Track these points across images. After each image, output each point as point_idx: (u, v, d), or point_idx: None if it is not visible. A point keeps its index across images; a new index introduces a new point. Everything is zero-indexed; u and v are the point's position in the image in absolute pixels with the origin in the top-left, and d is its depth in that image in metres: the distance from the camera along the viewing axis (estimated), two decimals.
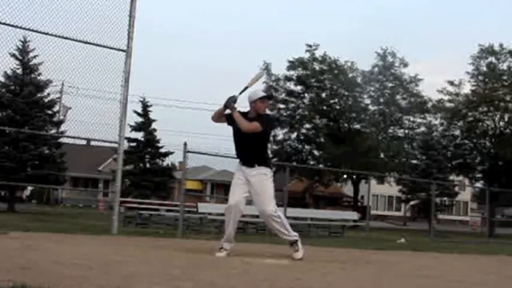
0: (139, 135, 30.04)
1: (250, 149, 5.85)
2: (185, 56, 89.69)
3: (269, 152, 6.34)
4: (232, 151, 6.18)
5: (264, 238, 10.25)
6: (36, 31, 8.37)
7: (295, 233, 5.97)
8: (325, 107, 34.10)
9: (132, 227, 14.16)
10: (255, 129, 5.74)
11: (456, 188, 33.25)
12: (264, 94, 6.08)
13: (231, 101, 5.76)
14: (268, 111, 6.45)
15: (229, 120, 5.89)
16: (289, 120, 33.45)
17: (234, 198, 5.82)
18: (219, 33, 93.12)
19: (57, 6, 8.35)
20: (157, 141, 30.37)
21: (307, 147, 34.88)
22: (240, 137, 5.87)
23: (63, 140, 21.68)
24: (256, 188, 5.80)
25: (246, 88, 5.97)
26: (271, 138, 33.87)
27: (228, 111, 5.82)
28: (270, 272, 4.70)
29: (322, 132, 33.75)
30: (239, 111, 5.83)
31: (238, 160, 6.02)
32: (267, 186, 5.85)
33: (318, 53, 33.30)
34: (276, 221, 5.84)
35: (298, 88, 34.07)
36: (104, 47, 8.79)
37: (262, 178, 5.83)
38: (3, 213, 19.61)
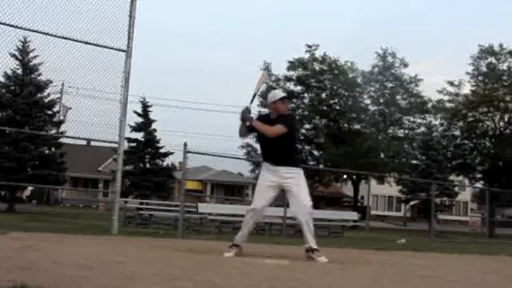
0: (140, 136, 30.06)
1: (280, 150, 5.79)
2: (185, 56, 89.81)
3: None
4: (232, 151, 6.23)
5: (264, 238, 10.26)
6: (36, 31, 8.37)
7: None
8: (325, 107, 34.13)
9: (132, 227, 14.18)
10: (280, 131, 5.71)
11: (456, 188, 33.25)
12: (283, 94, 6.07)
13: (246, 114, 5.79)
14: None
15: (252, 129, 5.92)
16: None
17: (260, 202, 5.77)
18: (219, 34, 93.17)
19: (57, 6, 8.36)
20: (157, 142, 30.38)
21: (307, 147, 34.91)
22: (266, 139, 5.84)
23: (63, 140, 21.69)
24: (293, 187, 5.74)
25: (255, 95, 5.98)
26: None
27: (247, 123, 5.83)
28: (270, 272, 4.70)
29: (322, 132, 33.78)
30: (261, 115, 5.85)
31: (265, 162, 5.90)
32: (304, 184, 5.83)
33: (318, 53, 33.37)
34: (311, 220, 5.80)
35: (298, 88, 34.11)
36: (104, 47, 8.80)
37: (297, 177, 5.80)
38: (3, 213, 19.63)
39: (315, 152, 34.88)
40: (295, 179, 5.78)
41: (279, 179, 5.76)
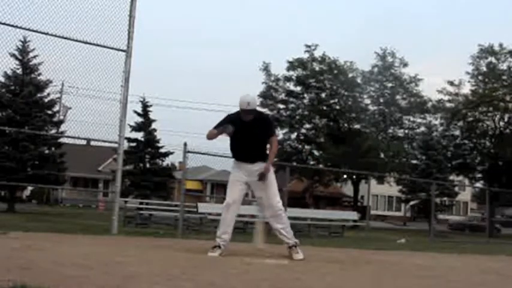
0: (139, 135, 30.01)
1: (253, 149, 5.84)
2: (185, 56, 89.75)
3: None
4: None
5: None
6: (36, 31, 8.36)
7: (296, 239, 5.94)
8: (325, 107, 34.13)
9: (132, 227, 14.17)
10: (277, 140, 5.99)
11: (456, 188, 33.23)
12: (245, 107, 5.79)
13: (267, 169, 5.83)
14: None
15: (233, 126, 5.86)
16: (289, 120, 33.48)
17: (232, 196, 5.83)
18: (218, 34, 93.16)
19: (57, 6, 8.35)
20: (157, 141, 30.35)
21: (307, 147, 34.90)
22: (241, 139, 5.83)
23: (63, 140, 21.66)
24: (261, 183, 5.78)
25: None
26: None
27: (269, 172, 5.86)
28: (270, 272, 4.70)
29: (322, 132, 33.78)
30: (230, 115, 5.90)
31: (234, 159, 6.00)
32: (272, 179, 5.86)
33: (317, 53, 33.37)
34: (281, 217, 5.83)
35: (298, 88, 34.12)
36: (104, 47, 8.79)
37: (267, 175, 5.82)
38: (3, 213, 19.62)
39: (315, 152, 34.88)
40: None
41: (248, 176, 5.82)
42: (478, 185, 35.42)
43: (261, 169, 5.77)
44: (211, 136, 5.90)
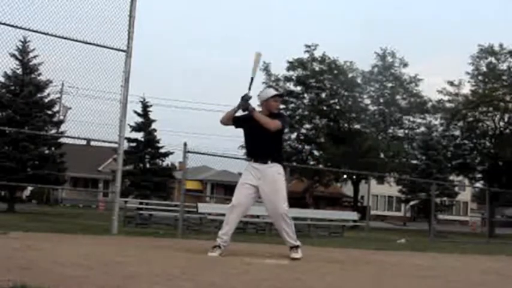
0: (139, 135, 30.01)
1: (266, 146, 5.78)
2: (185, 56, 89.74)
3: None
4: (232, 151, 6.20)
5: (264, 238, 10.26)
6: (36, 31, 8.36)
7: (299, 242, 5.93)
8: (325, 107, 34.13)
9: (132, 227, 14.17)
10: (278, 126, 5.74)
11: (456, 188, 33.23)
12: (276, 92, 6.06)
13: (247, 101, 5.66)
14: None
15: (237, 122, 5.90)
16: (289, 121, 33.49)
17: (238, 198, 5.80)
18: (218, 34, 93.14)
19: (57, 6, 8.35)
20: (157, 142, 30.36)
21: (307, 147, 34.92)
22: (254, 135, 5.79)
23: (63, 140, 21.66)
24: (269, 186, 5.73)
25: (252, 79, 5.87)
26: None
27: (240, 112, 5.77)
28: (270, 272, 4.70)
29: (322, 132, 33.78)
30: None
31: (248, 160, 5.97)
32: (281, 184, 5.81)
33: (317, 53, 33.36)
34: (286, 221, 5.79)
35: (298, 88, 34.12)
36: (104, 47, 8.79)
37: (276, 176, 5.79)
38: (3, 213, 19.62)
39: (315, 152, 34.89)
40: (275, 178, 5.77)
41: (258, 179, 5.76)
42: (478, 185, 35.43)
43: (272, 174, 5.74)
44: (225, 118, 5.89)
